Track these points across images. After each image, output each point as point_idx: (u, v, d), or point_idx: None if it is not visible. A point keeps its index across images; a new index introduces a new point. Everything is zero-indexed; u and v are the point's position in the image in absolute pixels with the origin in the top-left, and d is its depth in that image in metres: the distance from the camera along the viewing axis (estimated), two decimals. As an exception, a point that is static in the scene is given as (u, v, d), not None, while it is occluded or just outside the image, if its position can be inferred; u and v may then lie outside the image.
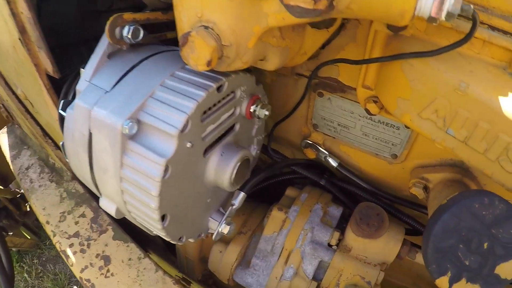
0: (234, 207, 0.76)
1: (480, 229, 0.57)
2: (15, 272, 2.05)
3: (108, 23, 0.58)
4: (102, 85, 0.62)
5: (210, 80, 0.60)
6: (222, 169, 0.67)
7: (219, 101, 0.63)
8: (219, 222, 0.74)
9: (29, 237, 1.90)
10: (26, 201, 1.65)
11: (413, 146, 0.80)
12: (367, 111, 0.71)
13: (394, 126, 0.78)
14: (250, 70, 0.84)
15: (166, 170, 0.56)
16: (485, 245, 0.58)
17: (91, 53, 0.65)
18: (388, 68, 0.64)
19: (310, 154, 0.90)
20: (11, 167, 1.18)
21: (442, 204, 0.63)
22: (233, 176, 0.67)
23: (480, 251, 0.58)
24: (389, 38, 0.64)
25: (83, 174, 0.67)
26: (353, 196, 0.95)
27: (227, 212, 0.75)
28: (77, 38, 0.99)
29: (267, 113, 0.70)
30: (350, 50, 0.74)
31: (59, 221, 1.01)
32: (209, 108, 0.61)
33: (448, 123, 0.60)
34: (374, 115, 0.70)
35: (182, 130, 0.56)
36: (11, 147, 1.22)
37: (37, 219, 1.22)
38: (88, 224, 0.98)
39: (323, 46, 0.75)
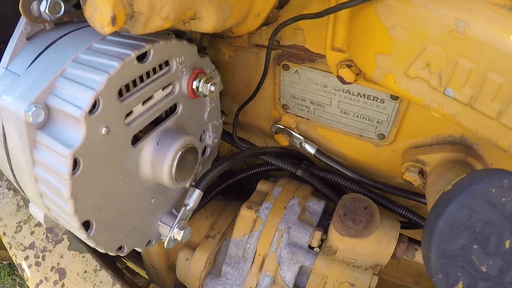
0: (188, 207, 0.58)
1: (500, 222, 0.38)
2: (8, 286, 1.89)
3: (21, -4, 0.42)
4: (16, 69, 0.47)
5: (129, 47, 0.43)
6: (159, 161, 0.49)
7: (147, 75, 0.46)
8: (171, 227, 0.56)
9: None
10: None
11: (403, 123, 0.61)
12: (341, 79, 0.52)
13: (378, 98, 0.59)
14: (191, 40, 0.65)
15: (75, 164, 0.40)
16: (508, 243, 0.39)
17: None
18: (360, 18, 0.46)
19: (283, 141, 0.71)
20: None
21: (445, 191, 0.44)
22: (174, 169, 0.49)
23: (500, 251, 0.39)
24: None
25: (9, 176, 0.51)
26: (337, 188, 0.76)
27: (180, 214, 0.56)
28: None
29: (212, 88, 0.51)
30: (314, 8, 0.55)
31: (15, 232, 0.85)
32: (134, 84, 0.44)
33: (445, 80, 0.41)
34: (350, 83, 0.52)
35: (91, 112, 0.39)
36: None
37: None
38: (43, 233, 0.82)
39: (281, 6, 0.57)
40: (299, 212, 0.65)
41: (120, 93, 0.43)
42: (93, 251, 0.78)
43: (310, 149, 0.70)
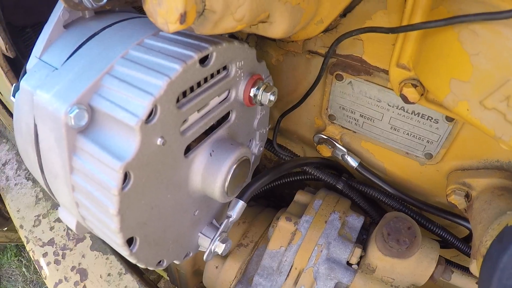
0: (230, 219, 0.58)
1: None
2: (14, 267, 1.91)
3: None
4: (52, 61, 0.43)
5: (191, 48, 0.40)
6: (211, 175, 0.48)
7: (205, 80, 0.44)
8: (212, 239, 0.56)
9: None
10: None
11: (453, 144, 0.61)
12: (404, 98, 0.51)
13: (432, 118, 0.59)
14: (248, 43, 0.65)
15: (126, 178, 0.37)
16: None
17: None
18: (437, 39, 0.45)
19: (325, 152, 0.71)
20: (-12, 162, 1.02)
21: (510, 226, 0.45)
22: (227, 183, 0.49)
23: None
24: (438, -2, 0.45)
25: (37, 177, 0.49)
26: (374, 203, 0.76)
27: (222, 227, 0.57)
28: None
29: (272, 98, 0.51)
30: (379, 19, 0.54)
31: (33, 226, 0.84)
32: (191, 89, 0.42)
33: (527, 114, 0.41)
34: (413, 103, 0.51)
35: (147, 120, 0.37)
36: (-11, 140, 1.06)
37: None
38: (64, 230, 0.81)
39: (344, 14, 0.56)
40: (339, 227, 0.66)
41: (177, 99, 0.40)
42: (117, 253, 0.76)
43: (353, 162, 0.70)
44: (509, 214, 0.51)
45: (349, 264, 0.64)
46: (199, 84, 0.43)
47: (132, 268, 0.75)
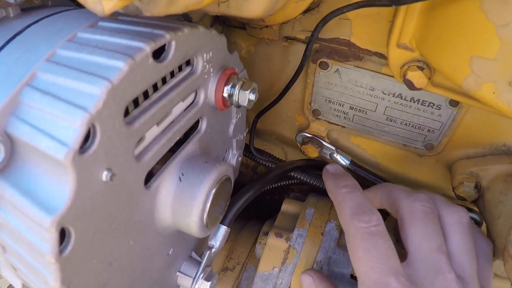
0: (213, 250, 0.47)
1: None
2: None
3: None
4: None
5: (140, 38, 0.28)
6: (184, 206, 0.36)
7: (163, 81, 0.32)
8: (194, 278, 0.45)
9: None
10: None
11: (456, 132, 0.54)
12: (409, 84, 0.43)
13: (434, 104, 0.51)
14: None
15: (64, 236, 0.26)
16: None
17: None
18: (451, 10, 0.37)
19: (311, 152, 0.62)
20: None
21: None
22: (206, 214, 0.37)
23: None
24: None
25: None
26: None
27: (204, 261, 0.46)
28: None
29: (252, 97, 0.40)
30: (369, -6, 0.46)
31: None
32: (145, 95, 0.31)
33: None
34: (419, 88, 0.43)
35: (82, 149, 0.25)
36: None
37: None
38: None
39: (327, -10, 0.47)
40: (337, 237, 0.57)
41: (126, 112, 0.28)
42: None
43: (343, 161, 0.62)
44: (534, 206, 0.45)
45: (353, 277, 0.56)
46: (155, 88, 0.32)
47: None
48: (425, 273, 0.38)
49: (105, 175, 0.27)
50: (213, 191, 0.37)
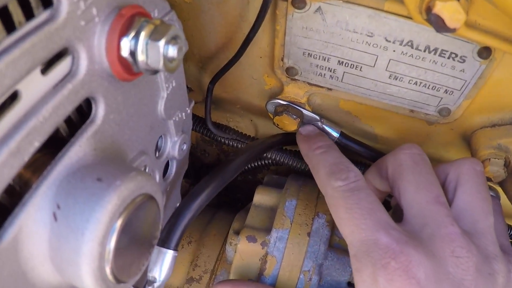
0: (156, 284, 0.33)
1: None
2: None
3: None
4: None
5: None
6: (69, 263, 0.21)
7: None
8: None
9: None
10: None
11: (480, 92, 0.40)
12: (439, 21, 0.27)
13: (457, 56, 0.36)
14: None
15: None
16: None
17: None
18: None
19: (288, 125, 0.47)
20: None
21: None
22: (109, 268, 0.22)
23: None
24: None
25: None
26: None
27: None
28: None
29: (173, 51, 0.24)
30: None
31: None
32: None
33: None
34: (454, 29, 0.28)
35: None
36: None
37: None
38: None
39: None
40: (329, 237, 0.44)
41: None
42: None
43: (332, 133, 0.47)
44: None
45: (350, 285, 0.44)
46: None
47: None
48: (423, 229, 0.33)
49: None
50: (116, 229, 0.22)
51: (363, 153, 0.48)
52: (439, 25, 0.27)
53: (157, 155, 0.35)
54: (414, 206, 0.34)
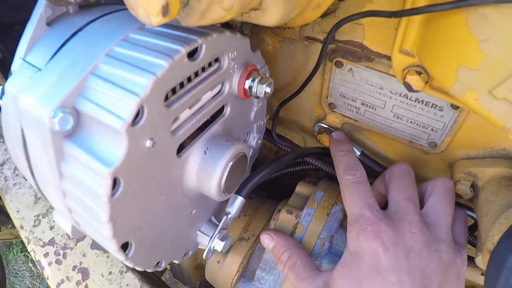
0: (229, 216, 0.56)
1: None
2: (20, 262, 1.93)
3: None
4: (35, 61, 0.41)
5: (178, 42, 0.37)
6: (207, 173, 0.46)
7: (195, 74, 0.41)
8: (211, 237, 0.55)
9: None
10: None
11: (458, 133, 0.58)
12: (408, 86, 0.49)
13: (437, 106, 0.56)
14: (242, 32, 0.62)
15: (116, 184, 0.36)
16: None
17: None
18: (443, 24, 0.42)
19: (326, 141, 0.69)
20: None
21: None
22: (224, 181, 0.47)
23: None
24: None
25: (30, 181, 0.48)
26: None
27: (221, 224, 0.55)
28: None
29: (268, 90, 0.48)
30: (381, 2, 0.51)
31: (34, 226, 0.83)
32: (180, 85, 0.40)
33: (541, 103, 0.39)
34: (417, 91, 0.49)
35: (134, 122, 0.34)
36: (-13, 139, 1.04)
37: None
38: (64, 228, 0.80)
39: (343, -2, 0.53)
40: (341, 219, 0.64)
41: (166, 97, 0.38)
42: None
43: (356, 151, 0.68)
44: (518, 206, 0.49)
45: (352, 256, 0.63)
46: (189, 79, 0.41)
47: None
48: (395, 214, 0.49)
49: (148, 143, 0.37)
50: (230, 164, 0.47)
51: (378, 169, 0.68)
52: (409, 88, 0.48)
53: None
54: (394, 200, 0.50)
